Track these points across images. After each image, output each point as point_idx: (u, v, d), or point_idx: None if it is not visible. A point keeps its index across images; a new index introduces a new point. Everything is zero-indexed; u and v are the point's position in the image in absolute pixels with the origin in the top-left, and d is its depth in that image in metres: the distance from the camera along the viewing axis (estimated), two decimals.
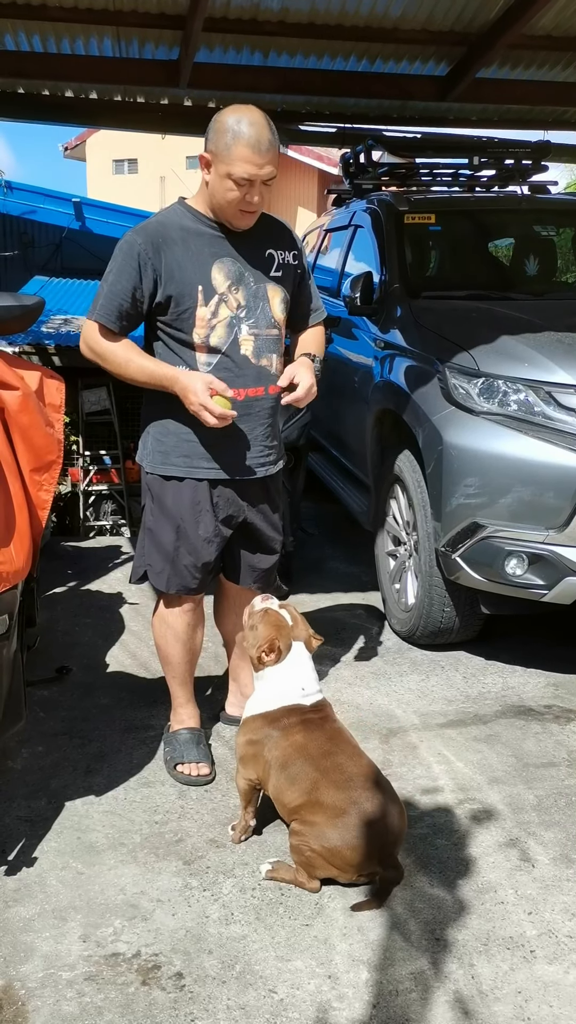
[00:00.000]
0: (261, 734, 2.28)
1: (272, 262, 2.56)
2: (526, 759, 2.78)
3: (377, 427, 3.99)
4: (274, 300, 2.54)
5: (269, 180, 2.36)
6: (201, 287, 2.43)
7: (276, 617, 2.36)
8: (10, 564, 2.01)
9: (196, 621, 2.72)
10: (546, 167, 5.34)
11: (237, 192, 2.34)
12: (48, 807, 2.51)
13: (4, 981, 1.90)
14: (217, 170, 2.35)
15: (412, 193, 4.93)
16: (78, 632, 3.76)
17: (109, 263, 2.48)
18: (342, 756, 2.21)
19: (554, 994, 1.88)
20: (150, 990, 1.89)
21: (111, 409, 5.33)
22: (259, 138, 2.30)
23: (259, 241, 2.54)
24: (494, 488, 3.09)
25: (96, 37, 5.46)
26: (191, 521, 2.57)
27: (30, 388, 2.22)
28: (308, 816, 2.14)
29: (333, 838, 2.09)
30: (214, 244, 2.47)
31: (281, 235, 2.62)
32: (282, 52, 5.68)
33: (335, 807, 2.11)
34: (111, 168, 24.05)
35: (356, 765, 2.20)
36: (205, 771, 2.65)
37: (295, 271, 2.64)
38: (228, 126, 2.31)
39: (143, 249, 2.42)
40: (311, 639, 2.38)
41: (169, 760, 2.70)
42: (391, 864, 2.14)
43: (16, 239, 8.91)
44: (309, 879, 2.16)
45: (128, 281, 2.42)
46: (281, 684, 2.32)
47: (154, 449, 2.58)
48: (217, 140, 2.33)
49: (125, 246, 2.45)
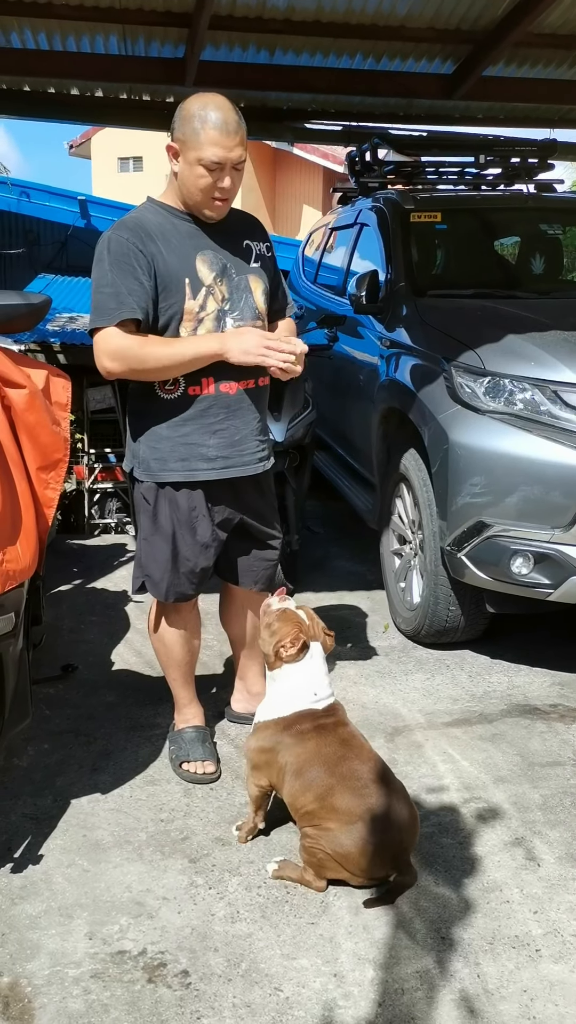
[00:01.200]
0: (274, 740, 2.26)
1: (251, 253, 2.55)
2: (532, 758, 2.78)
3: (383, 426, 3.99)
4: (256, 291, 2.54)
5: (239, 164, 2.35)
6: (188, 280, 2.41)
7: (294, 616, 2.34)
8: (17, 562, 2.01)
9: (193, 624, 2.72)
10: (552, 165, 5.33)
11: (209, 178, 2.33)
12: (54, 805, 2.52)
13: (10, 978, 1.91)
14: (186, 158, 2.34)
15: (418, 191, 4.93)
16: (83, 630, 3.77)
17: (96, 269, 2.39)
18: (357, 761, 2.20)
19: (560, 993, 1.88)
20: (156, 988, 1.89)
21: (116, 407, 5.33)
22: (226, 120, 2.30)
23: (235, 233, 2.53)
24: (500, 487, 3.09)
25: (102, 35, 5.46)
26: (188, 528, 2.55)
27: (37, 386, 2.22)
28: (323, 821, 2.12)
29: (347, 844, 2.09)
30: (193, 237, 2.45)
31: (254, 227, 2.63)
32: (288, 50, 5.68)
33: (350, 813, 2.10)
34: (116, 166, 24.03)
35: (371, 771, 2.18)
36: (211, 769, 2.65)
37: (271, 263, 2.63)
38: (194, 112, 2.31)
39: (133, 245, 2.37)
40: (326, 639, 2.37)
41: (174, 758, 2.71)
42: (404, 869, 2.14)
43: (21, 237, 8.92)
44: (316, 879, 2.16)
45: (131, 275, 2.35)
46: (294, 687, 2.29)
47: (148, 457, 2.53)
48: (184, 127, 2.32)
49: (113, 244, 2.38)
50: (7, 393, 2.13)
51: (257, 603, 2.76)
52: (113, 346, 2.36)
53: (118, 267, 2.36)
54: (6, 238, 8.92)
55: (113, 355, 2.37)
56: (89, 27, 5.34)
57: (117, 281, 2.35)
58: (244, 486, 2.62)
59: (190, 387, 2.47)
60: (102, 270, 2.38)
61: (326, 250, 5.80)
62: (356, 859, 2.09)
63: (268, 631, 2.35)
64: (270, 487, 2.77)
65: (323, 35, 5.40)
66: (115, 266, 2.36)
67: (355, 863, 2.09)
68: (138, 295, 2.35)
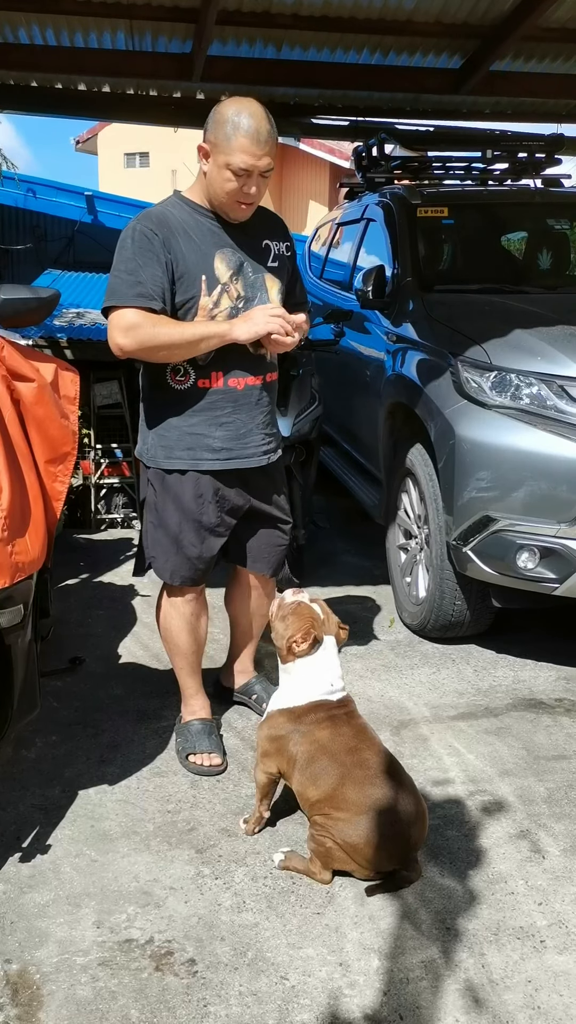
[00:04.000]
0: (286, 729, 2.27)
1: (269, 253, 2.59)
2: (537, 752, 2.79)
3: (389, 421, 4.00)
4: (272, 290, 2.58)
5: (267, 172, 2.39)
6: (205, 276, 2.46)
7: (308, 610, 2.34)
8: (26, 554, 2.03)
9: (200, 610, 2.75)
10: (560, 160, 5.31)
11: (235, 183, 2.37)
12: (62, 795, 2.54)
13: (19, 966, 1.93)
14: (216, 160, 2.37)
15: (425, 187, 4.92)
16: (91, 623, 3.79)
17: (119, 255, 2.45)
18: (368, 752, 2.21)
19: (564, 983, 1.90)
20: (163, 976, 1.91)
21: (123, 402, 5.34)
22: (258, 129, 2.33)
23: (256, 232, 2.57)
24: (506, 482, 3.10)
25: (109, 30, 5.46)
26: (195, 513, 2.59)
27: (45, 380, 2.24)
28: (332, 812, 2.14)
29: (355, 835, 2.10)
30: (214, 234, 2.50)
31: (276, 227, 2.66)
32: (295, 45, 5.66)
33: (359, 804, 2.11)
34: (123, 162, 24.01)
35: (381, 763, 2.19)
36: (217, 761, 2.67)
37: (289, 262, 2.68)
38: (228, 117, 2.34)
39: (156, 235, 2.42)
40: (340, 632, 2.37)
41: (181, 750, 2.73)
42: (410, 865, 2.15)
43: (29, 232, 8.93)
44: (322, 870, 2.17)
45: (155, 264, 2.40)
46: (309, 679, 2.30)
47: (156, 444, 2.60)
48: (217, 131, 2.36)
49: (136, 234, 2.44)
50: (16, 386, 2.14)
51: (262, 587, 2.83)
52: (126, 322, 2.40)
53: (140, 254, 2.41)
54: (13, 234, 8.93)
55: (126, 330, 2.41)
56: (96, 23, 5.34)
57: (138, 267, 2.41)
58: (252, 474, 2.66)
59: (200, 380, 2.52)
60: (124, 256, 2.43)
61: (332, 245, 5.80)
62: (363, 850, 2.10)
63: (282, 624, 2.35)
64: (281, 475, 2.82)
65: (330, 30, 5.39)
66: (138, 253, 2.42)
67: (362, 855, 2.11)
68: (157, 282, 2.40)
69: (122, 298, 2.41)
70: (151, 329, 2.40)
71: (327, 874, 2.18)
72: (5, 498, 1.98)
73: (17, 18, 5.28)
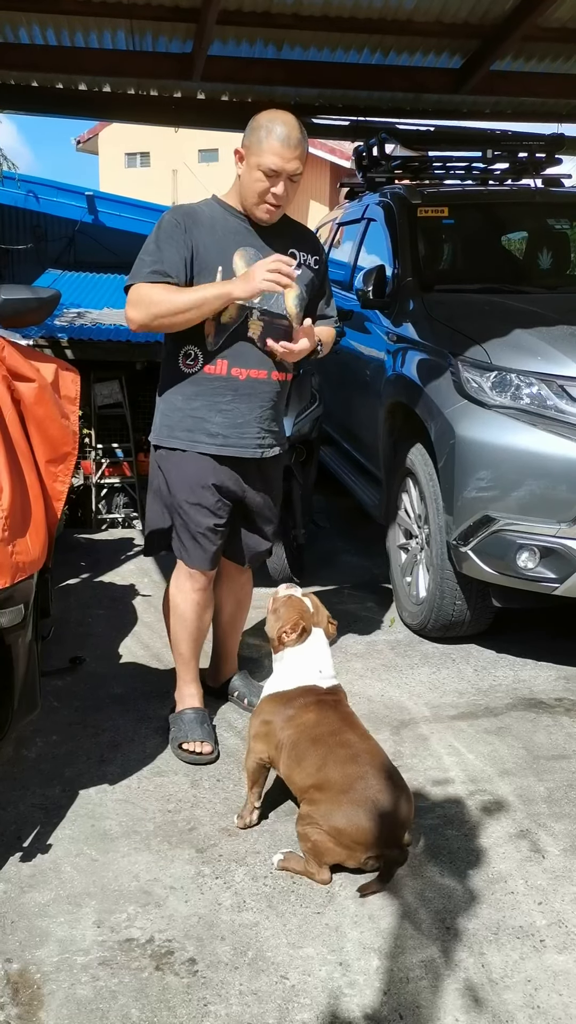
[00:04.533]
0: (275, 713, 2.33)
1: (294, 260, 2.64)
2: (537, 751, 2.79)
3: (389, 420, 4.00)
4: (289, 294, 2.64)
5: (295, 175, 2.55)
6: (221, 268, 2.58)
7: (299, 602, 2.47)
8: (26, 554, 2.03)
9: (206, 601, 2.82)
10: (560, 160, 5.31)
11: (265, 183, 2.53)
12: (62, 795, 2.54)
13: (20, 965, 1.93)
14: (248, 162, 2.54)
15: (425, 186, 4.92)
16: (91, 623, 3.79)
17: (146, 243, 2.60)
18: (351, 735, 2.26)
19: (564, 983, 1.90)
20: (163, 975, 1.91)
21: (123, 402, 5.35)
22: (289, 134, 2.51)
23: (284, 239, 2.69)
24: (506, 481, 3.10)
25: (110, 30, 5.46)
26: (198, 488, 2.68)
27: (46, 380, 2.24)
28: (316, 794, 2.17)
29: (339, 817, 2.12)
30: (239, 233, 2.63)
31: (306, 239, 2.81)
32: (295, 45, 5.66)
33: (341, 783, 2.15)
34: (123, 162, 24.03)
35: (364, 744, 2.25)
36: (208, 749, 2.72)
37: (315, 274, 2.77)
38: (263, 124, 2.53)
39: (180, 224, 2.58)
40: (329, 625, 2.48)
41: (173, 739, 2.77)
42: (397, 845, 2.16)
43: (29, 232, 8.93)
44: (319, 868, 2.18)
45: (175, 248, 2.55)
46: (299, 666, 2.39)
47: (161, 423, 2.74)
48: (252, 136, 2.54)
49: (164, 223, 2.60)
50: (17, 386, 2.14)
51: (238, 576, 2.97)
52: (135, 296, 2.56)
53: (164, 240, 2.57)
54: (14, 234, 8.93)
55: (134, 303, 2.56)
56: (97, 22, 5.34)
57: (158, 249, 2.56)
58: (248, 467, 2.72)
59: (207, 366, 2.63)
60: (149, 243, 2.60)
61: (333, 245, 5.80)
62: (349, 832, 2.12)
63: (274, 616, 2.48)
64: (277, 480, 2.87)
65: (331, 30, 5.39)
66: (162, 240, 2.57)
67: (349, 836, 2.12)
68: (174, 262, 2.54)
69: (137, 276, 2.56)
70: (157, 296, 2.53)
71: (324, 872, 2.18)
72: (6, 498, 1.98)
73: (18, 18, 5.28)
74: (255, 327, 2.61)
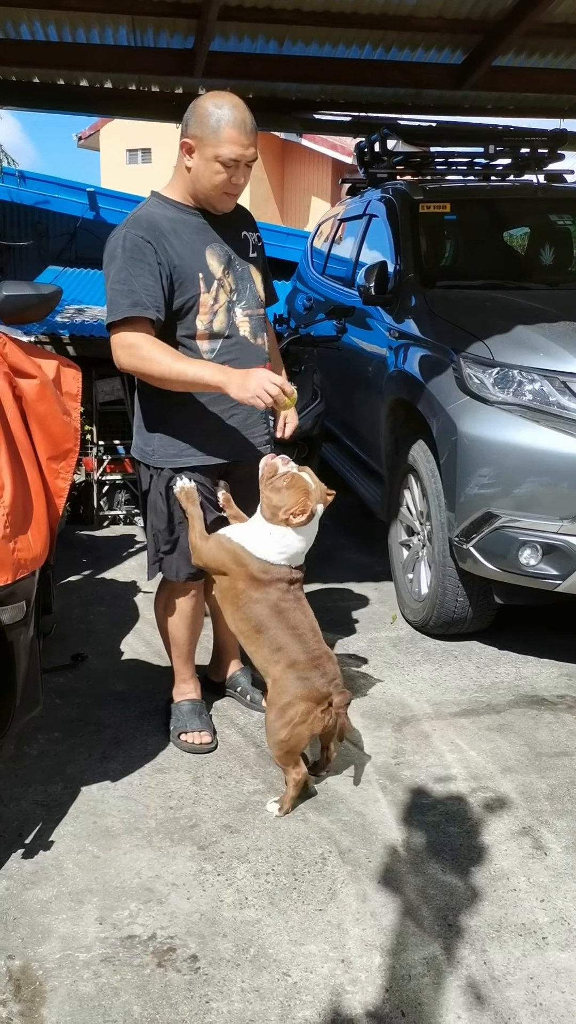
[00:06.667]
0: (254, 567, 2.45)
1: (248, 244, 2.65)
2: (539, 748, 2.79)
3: (391, 417, 3.99)
4: (256, 280, 2.64)
5: (251, 162, 2.44)
6: (201, 274, 2.50)
7: (303, 482, 2.42)
8: (28, 551, 2.03)
9: (199, 604, 2.82)
10: (562, 155, 5.29)
11: (225, 174, 2.42)
12: (64, 792, 2.54)
13: (22, 962, 1.93)
14: (203, 154, 2.41)
15: (427, 182, 4.91)
16: (93, 620, 3.79)
17: (110, 265, 2.44)
18: (299, 614, 2.46)
19: (566, 980, 1.90)
20: (165, 972, 1.91)
21: (125, 399, 5.34)
22: (244, 120, 2.39)
23: (235, 225, 2.62)
24: (508, 478, 3.09)
25: (111, 26, 5.46)
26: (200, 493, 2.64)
27: (48, 376, 2.24)
28: (257, 636, 2.43)
29: (292, 683, 2.36)
30: (201, 231, 2.54)
31: (247, 218, 2.72)
32: (297, 41, 5.66)
33: (280, 626, 2.42)
34: (125, 158, 23.98)
35: (307, 623, 2.47)
36: (207, 739, 2.74)
37: (263, 252, 2.73)
38: (210, 111, 2.38)
39: (147, 242, 2.43)
40: (325, 496, 2.48)
41: (173, 730, 2.79)
42: (338, 688, 2.37)
43: (30, 229, 8.92)
44: (294, 766, 2.39)
45: (147, 273, 2.41)
46: (287, 545, 2.45)
47: (163, 445, 2.62)
48: (201, 125, 2.39)
49: (126, 242, 2.43)
50: (18, 383, 2.14)
51: None
52: (128, 341, 2.43)
53: (133, 264, 2.41)
54: (15, 230, 8.92)
55: (124, 347, 2.44)
56: (98, 18, 5.34)
57: (130, 276, 2.41)
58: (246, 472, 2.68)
59: None
60: (117, 267, 2.43)
61: (335, 241, 5.78)
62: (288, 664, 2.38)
63: (276, 494, 2.42)
64: None
65: (332, 25, 5.38)
66: (130, 263, 2.42)
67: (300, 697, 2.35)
68: (152, 292, 2.41)
69: (117, 310, 2.41)
70: (152, 354, 2.41)
71: (300, 767, 2.40)
72: (7, 495, 1.98)
73: (19, 14, 5.28)
74: (243, 325, 2.59)
